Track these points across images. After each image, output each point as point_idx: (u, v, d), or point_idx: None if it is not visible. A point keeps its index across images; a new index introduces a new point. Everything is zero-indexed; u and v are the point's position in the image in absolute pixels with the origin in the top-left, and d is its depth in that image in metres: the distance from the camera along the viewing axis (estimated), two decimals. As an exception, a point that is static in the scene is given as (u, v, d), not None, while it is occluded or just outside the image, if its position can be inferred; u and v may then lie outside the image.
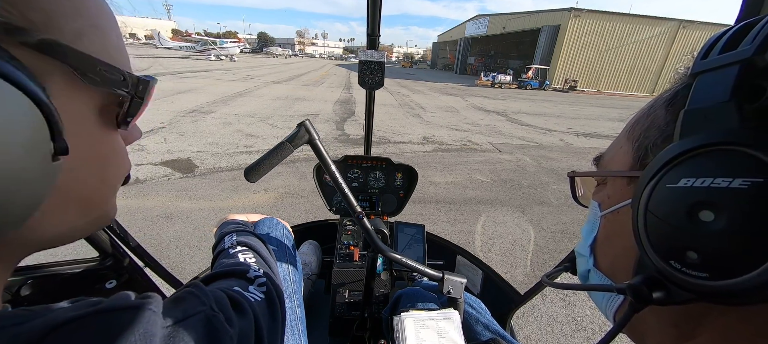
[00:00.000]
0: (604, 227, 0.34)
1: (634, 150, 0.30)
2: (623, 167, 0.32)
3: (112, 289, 0.88)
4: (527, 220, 3.36)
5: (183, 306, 0.34)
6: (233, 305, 0.41)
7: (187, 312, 0.33)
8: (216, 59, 29.60)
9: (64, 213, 0.26)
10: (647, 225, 0.24)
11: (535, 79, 25.18)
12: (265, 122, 6.90)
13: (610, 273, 0.33)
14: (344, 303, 1.16)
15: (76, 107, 0.25)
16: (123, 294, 0.30)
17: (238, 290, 0.45)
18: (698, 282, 0.21)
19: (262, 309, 0.46)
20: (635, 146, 0.30)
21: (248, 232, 0.69)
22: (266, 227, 0.84)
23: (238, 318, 0.39)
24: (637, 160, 0.30)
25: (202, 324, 0.33)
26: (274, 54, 67.50)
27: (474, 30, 42.43)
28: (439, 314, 0.69)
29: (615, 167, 0.34)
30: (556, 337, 1.93)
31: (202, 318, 0.34)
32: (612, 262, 0.33)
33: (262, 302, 0.47)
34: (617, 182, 0.33)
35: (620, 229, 0.31)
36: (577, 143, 7.21)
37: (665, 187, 0.23)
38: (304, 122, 0.64)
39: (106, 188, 0.31)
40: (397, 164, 1.30)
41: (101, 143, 0.28)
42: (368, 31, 0.98)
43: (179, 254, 2.40)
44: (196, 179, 3.75)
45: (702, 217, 0.21)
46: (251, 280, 0.50)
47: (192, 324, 0.32)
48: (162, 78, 12.99)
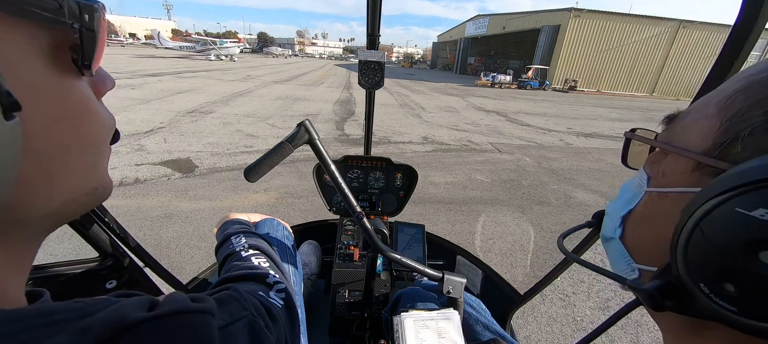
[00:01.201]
0: (645, 205, 0.30)
1: (720, 128, 0.23)
2: (699, 143, 0.25)
3: (112, 289, 0.88)
4: (527, 220, 3.36)
5: (229, 309, 0.35)
6: (267, 311, 0.42)
7: (233, 315, 0.34)
8: (216, 59, 29.59)
9: (50, 183, 0.24)
10: (691, 239, 0.21)
11: (535, 79, 25.17)
12: (265, 122, 6.90)
13: (634, 252, 0.31)
14: (344, 303, 1.16)
15: (13, 51, 0.21)
16: (179, 295, 0.31)
17: (264, 296, 0.46)
18: (724, 313, 0.19)
19: (284, 316, 0.47)
20: (725, 124, 0.23)
21: (255, 235, 0.69)
22: (267, 228, 0.84)
23: (274, 326, 0.41)
24: (719, 145, 0.23)
25: (247, 328, 0.35)
26: (274, 54, 67.52)
27: (474, 30, 42.42)
28: (439, 314, 0.69)
29: (690, 140, 0.26)
30: (556, 337, 1.93)
31: (246, 323, 0.35)
32: (639, 243, 0.30)
33: (282, 308, 0.48)
34: (681, 162, 0.26)
35: (662, 215, 0.27)
36: (577, 143, 7.21)
37: (734, 209, 0.18)
38: (304, 122, 0.64)
39: (88, 148, 0.27)
40: (397, 164, 1.30)
41: (65, 94, 0.24)
42: (368, 31, 0.98)
43: (179, 255, 2.40)
44: (196, 179, 3.75)
45: (763, 257, 0.17)
46: (271, 285, 0.51)
47: (239, 328, 0.33)
48: (162, 78, 13.00)
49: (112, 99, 7.75)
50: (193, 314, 0.28)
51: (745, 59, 0.49)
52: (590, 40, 27.75)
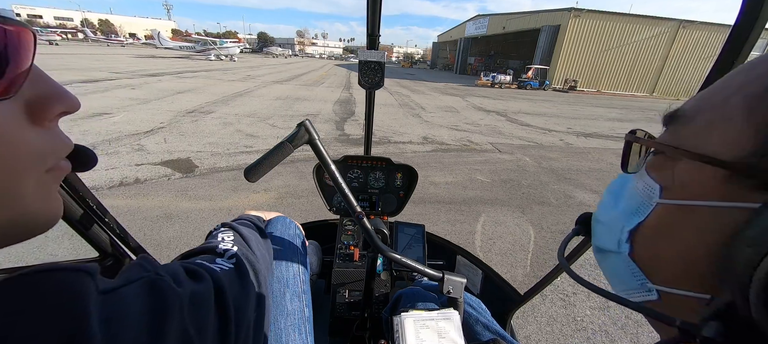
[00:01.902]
0: (659, 217, 0.27)
1: (758, 133, 0.20)
2: (727, 150, 0.22)
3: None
4: (527, 220, 3.35)
5: (127, 274, 0.33)
6: (187, 273, 0.41)
7: (129, 278, 0.32)
8: (216, 59, 29.60)
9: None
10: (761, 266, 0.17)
11: (535, 79, 25.17)
12: (265, 122, 6.90)
13: (650, 270, 0.28)
14: (344, 303, 1.16)
15: None
16: (58, 262, 0.29)
17: (199, 262, 0.46)
18: None
19: (230, 278, 0.46)
20: (765, 128, 0.20)
21: (248, 223, 0.69)
22: (279, 226, 0.84)
23: (191, 283, 0.39)
24: (763, 153, 0.20)
25: (145, 286, 0.32)
26: (274, 54, 67.51)
27: (474, 30, 42.41)
28: (439, 314, 0.69)
29: (711, 145, 0.23)
30: (556, 337, 1.93)
31: (144, 282, 0.33)
32: (657, 262, 0.27)
33: (229, 271, 0.48)
34: (705, 170, 0.23)
35: (691, 231, 0.24)
36: (577, 143, 7.20)
37: None
38: (304, 122, 0.64)
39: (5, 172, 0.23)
40: (397, 164, 1.30)
41: None
42: (368, 31, 0.98)
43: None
44: (196, 179, 3.75)
45: None
46: (220, 254, 0.51)
47: (133, 288, 0.31)
48: (162, 78, 13.00)
49: (112, 99, 7.77)
50: (64, 271, 0.26)
51: (746, 59, 0.49)
52: (590, 40, 27.75)
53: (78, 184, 0.69)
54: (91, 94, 8.30)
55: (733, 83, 0.24)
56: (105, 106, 6.95)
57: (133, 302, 0.30)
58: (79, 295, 0.25)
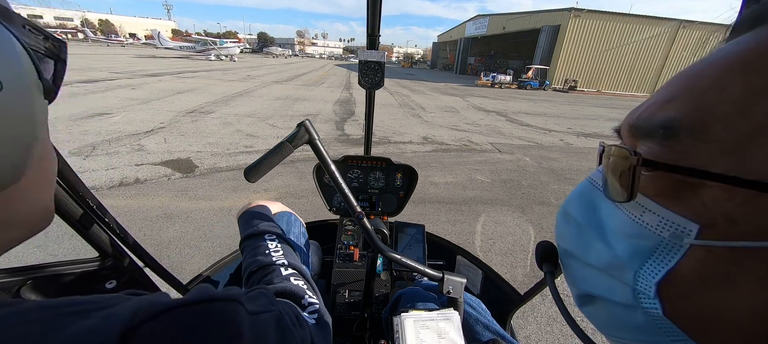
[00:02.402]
0: (702, 264, 0.21)
1: None
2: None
3: (112, 289, 0.88)
4: (527, 220, 3.35)
5: (259, 302, 0.38)
6: (296, 317, 0.44)
7: (263, 307, 0.37)
8: (216, 59, 29.61)
9: (37, 192, 0.27)
10: None
11: (535, 79, 25.18)
12: (265, 122, 6.90)
13: (698, 333, 0.22)
14: (344, 303, 1.16)
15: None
16: (207, 287, 0.33)
17: (297, 308, 0.49)
18: None
19: (315, 333, 0.49)
20: None
21: (287, 242, 0.68)
22: (284, 222, 0.85)
23: (299, 328, 0.43)
24: None
25: (275, 320, 0.37)
26: (274, 54, 67.54)
27: (474, 30, 42.41)
28: (439, 314, 0.69)
29: (758, 164, 0.18)
30: (556, 337, 1.93)
31: (273, 316, 0.37)
32: (711, 323, 0.21)
33: (314, 326, 0.50)
34: (763, 201, 0.18)
35: (757, 277, 0.19)
36: (577, 143, 7.21)
37: None
38: (304, 122, 0.64)
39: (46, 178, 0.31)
40: (397, 164, 1.30)
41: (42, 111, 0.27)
42: (368, 31, 0.98)
43: (179, 255, 2.40)
44: (196, 179, 3.75)
45: None
46: (304, 307, 0.53)
47: (268, 318, 0.36)
48: (162, 78, 13.00)
49: (112, 100, 7.77)
50: (221, 301, 0.31)
51: None
52: (590, 40, 27.75)
53: (78, 184, 0.69)
54: (91, 94, 8.30)
55: (734, 85, 0.19)
56: (105, 106, 6.94)
57: (268, 330, 0.35)
58: (238, 324, 0.31)
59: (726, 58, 0.21)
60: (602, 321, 0.30)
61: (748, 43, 0.20)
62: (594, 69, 28.93)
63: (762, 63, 0.19)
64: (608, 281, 0.26)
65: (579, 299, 0.32)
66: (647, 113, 0.25)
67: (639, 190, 0.24)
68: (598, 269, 0.27)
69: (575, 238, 0.31)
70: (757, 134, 0.18)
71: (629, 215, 0.25)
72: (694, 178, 0.20)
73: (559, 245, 0.35)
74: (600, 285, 0.27)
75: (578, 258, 0.30)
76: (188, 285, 1.09)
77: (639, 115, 0.26)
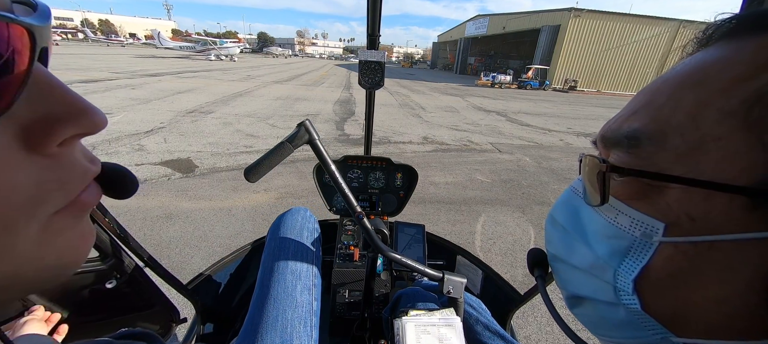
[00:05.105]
0: (670, 260, 0.23)
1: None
2: (739, 173, 0.19)
3: (112, 289, 0.88)
4: (527, 220, 3.35)
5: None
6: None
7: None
8: (216, 59, 29.59)
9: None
10: None
11: (535, 79, 25.17)
12: (265, 122, 6.90)
13: (673, 323, 0.23)
14: (344, 303, 1.16)
15: None
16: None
17: None
18: None
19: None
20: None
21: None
22: (300, 218, 0.87)
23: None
24: None
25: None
26: (274, 54, 67.51)
27: (474, 30, 42.40)
28: (441, 319, 0.69)
29: (714, 168, 0.20)
30: (556, 337, 1.93)
31: None
32: (683, 313, 0.23)
33: None
34: (716, 200, 0.20)
35: (716, 269, 0.21)
36: (577, 143, 7.20)
37: None
38: (304, 122, 0.64)
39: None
40: (397, 164, 1.30)
41: None
42: (368, 31, 0.98)
43: (179, 254, 2.40)
44: (196, 179, 3.75)
45: None
46: None
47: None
48: (162, 78, 13.00)
49: (112, 99, 7.77)
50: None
51: None
52: (590, 40, 27.73)
53: None
54: (91, 94, 8.30)
55: (685, 99, 0.22)
56: (105, 106, 6.94)
57: None
58: None
59: (679, 75, 0.24)
60: (591, 321, 0.32)
61: (697, 61, 0.23)
62: (594, 69, 28.92)
63: (708, 79, 0.21)
64: (593, 281, 0.28)
65: (569, 301, 0.34)
66: (615, 125, 0.27)
67: (612, 194, 0.26)
68: (583, 270, 0.29)
69: (562, 242, 0.33)
70: (706, 140, 0.20)
71: (606, 217, 0.27)
72: (657, 181, 0.23)
73: (548, 250, 0.37)
74: (586, 286, 0.29)
75: (565, 261, 0.32)
76: (188, 285, 1.09)
77: (609, 127, 0.28)
